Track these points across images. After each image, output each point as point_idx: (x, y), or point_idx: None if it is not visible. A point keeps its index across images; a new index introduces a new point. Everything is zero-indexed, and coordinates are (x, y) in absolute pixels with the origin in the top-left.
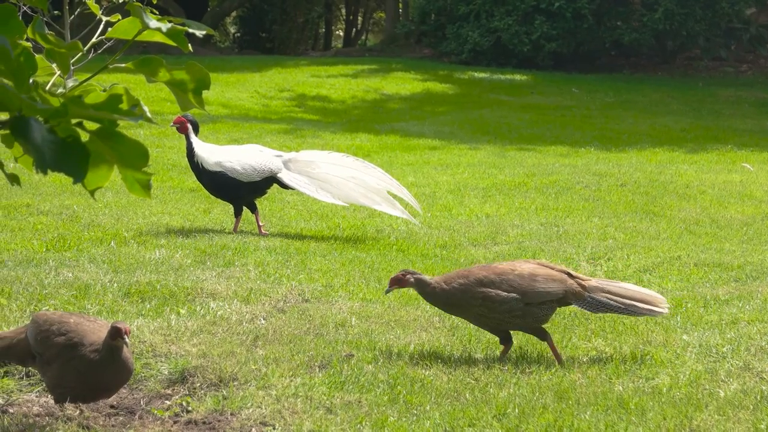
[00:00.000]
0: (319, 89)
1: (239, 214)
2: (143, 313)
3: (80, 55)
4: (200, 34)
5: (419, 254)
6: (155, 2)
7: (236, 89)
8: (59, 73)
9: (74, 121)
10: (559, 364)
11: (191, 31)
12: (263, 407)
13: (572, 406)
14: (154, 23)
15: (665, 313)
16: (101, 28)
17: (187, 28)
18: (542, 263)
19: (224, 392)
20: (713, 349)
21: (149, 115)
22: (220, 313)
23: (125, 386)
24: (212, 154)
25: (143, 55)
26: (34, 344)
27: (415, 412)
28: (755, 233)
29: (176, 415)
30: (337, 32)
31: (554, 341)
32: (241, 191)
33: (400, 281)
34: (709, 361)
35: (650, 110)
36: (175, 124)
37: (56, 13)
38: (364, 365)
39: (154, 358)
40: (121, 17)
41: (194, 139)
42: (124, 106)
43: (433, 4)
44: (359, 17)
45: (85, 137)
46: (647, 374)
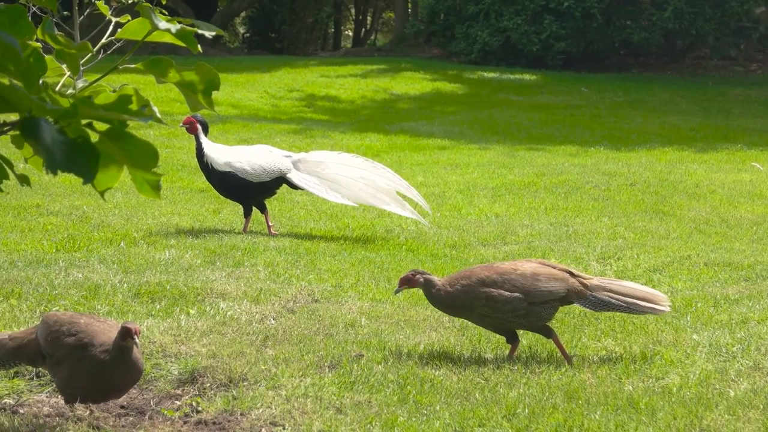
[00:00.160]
0: (328, 89)
1: (249, 214)
2: (153, 313)
3: (90, 55)
4: (209, 34)
5: (429, 254)
6: (164, 3)
7: (246, 89)
8: (69, 73)
9: (84, 121)
10: (567, 361)
11: (200, 31)
12: (273, 407)
13: (582, 406)
14: (163, 24)
15: (667, 311)
16: (111, 28)
17: (196, 29)
18: (544, 262)
19: (234, 392)
20: (723, 348)
21: (159, 115)
22: (229, 313)
23: (135, 386)
24: (222, 154)
25: (153, 55)
26: (44, 344)
27: (425, 412)
28: (765, 233)
29: (186, 415)
30: (346, 32)
31: (564, 341)
32: (250, 191)
33: (409, 281)
34: (719, 360)
35: (660, 109)
36: (184, 124)
37: (66, 13)
38: (373, 365)
39: (163, 358)
40: (130, 18)
41: (204, 139)
42: (133, 106)
43: (442, 3)
44: (368, 17)
45: (94, 138)
46: (657, 374)
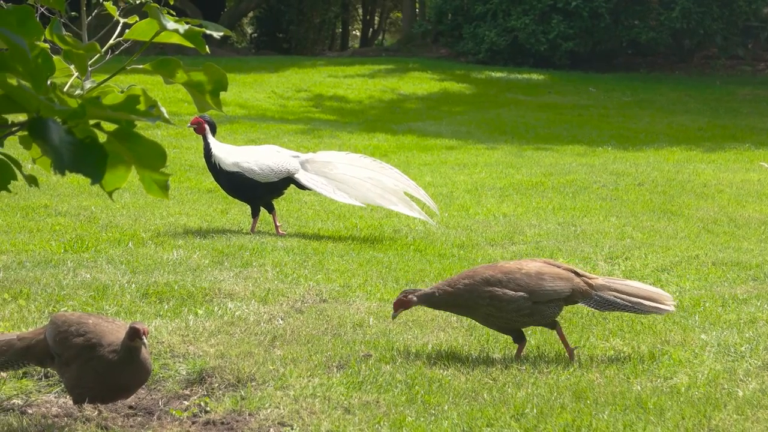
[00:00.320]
0: (336, 89)
1: (256, 214)
2: (161, 313)
3: (98, 56)
4: (217, 35)
5: (437, 254)
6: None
7: (253, 90)
8: (77, 74)
9: (92, 122)
10: (569, 354)
11: (208, 32)
12: (281, 407)
13: (590, 405)
14: (171, 25)
15: (672, 310)
16: (119, 29)
17: (204, 29)
18: (549, 262)
19: (242, 393)
20: (732, 348)
21: (166, 116)
22: (237, 313)
23: (143, 387)
24: (229, 154)
25: (160, 56)
26: (52, 345)
27: (433, 412)
28: None
29: (194, 415)
30: (353, 32)
31: (572, 341)
32: (258, 192)
33: (404, 304)
34: (727, 360)
35: (667, 109)
36: (192, 124)
37: (74, 14)
38: (381, 365)
39: (172, 358)
40: (138, 19)
41: (211, 139)
42: (141, 107)
43: (449, 3)
44: (376, 17)
45: (102, 138)
46: (665, 374)
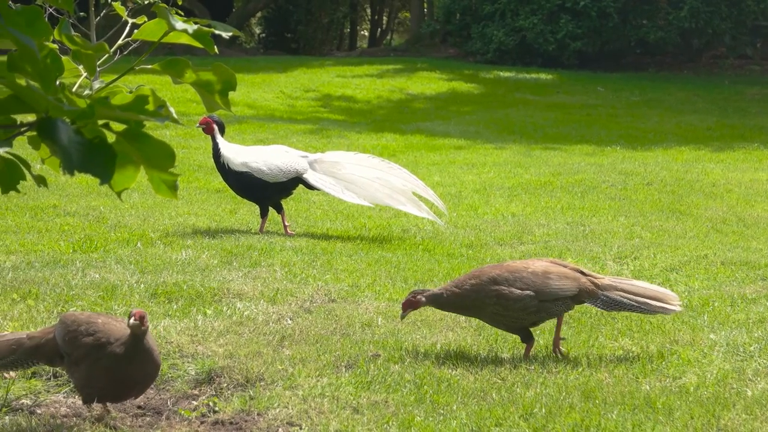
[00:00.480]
0: (344, 89)
1: (265, 214)
2: (170, 313)
3: (106, 56)
4: (226, 35)
5: (445, 254)
6: (180, 3)
7: (262, 90)
8: (86, 74)
9: (101, 122)
10: (554, 343)
11: (217, 32)
12: (290, 407)
13: (599, 405)
14: (180, 25)
15: (678, 310)
16: (127, 29)
17: (213, 29)
18: (555, 261)
19: (251, 392)
20: (740, 348)
21: (175, 116)
22: (246, 313)
23: (152, 387)
24: (238, 154)
25: (169, 56)
26: (62, 344)
27: (441, 411)
28: None
29: (203, 415)
30: (362, 32)
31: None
32: (267, 192)
33: (413, 304)
34: (736, 360)
35: (676, 109)
36: (200, 124)
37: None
38: (390, 365)
39: (180, 358)
40: (147, 19)
41: (220, 139)
42: (150, 107)
43: (458, 3)
44: (384, 17)
45: (111, 138)
46: (674, 373)
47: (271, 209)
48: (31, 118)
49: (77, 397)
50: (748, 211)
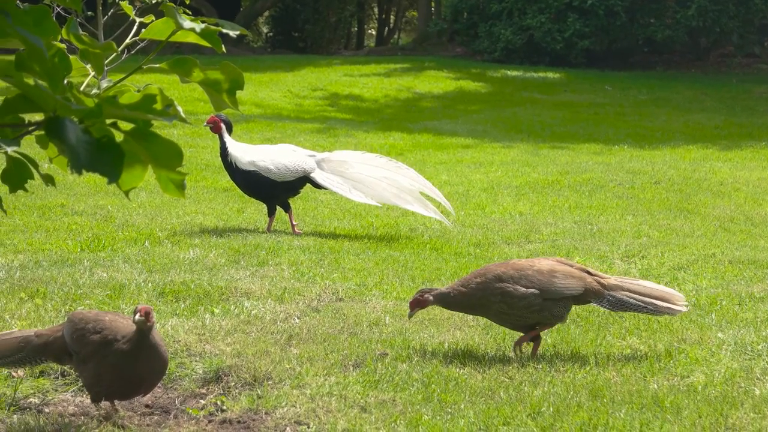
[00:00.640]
0: (351, 88)
1: (273, 213)
2: (177, 312)
3: (114, 55)
4: (234, 34)
5: (453, 253)
6: (188, 2)
7: (269, 89)
8: (93, 73)
9: (109, 121)
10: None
11: (225, 31)
12: (298, 406)
13: (607, 404)
14: (188, 24)
15: (684, 311)
16: (135, 28)
17: (220, 28)
18: (561, 260)
19: (259, 391)
20: (748, 346)
21: (183, 115)
22: (254, 312)
23: (160, 386)
24: (246, 153)
25: (176, 55)
26: (70, 342)
27: (449, 410)
28: None
29: (211, 414)
30: (369, 31)
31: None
32: (274, 191)
33: (420, 303)
34: (744, 359)
35: (684, 107)
36: (208, 123)
37: (90, 14)
38: (398, 364)
39: (188, 357)
40: (154, 18)
41: (228, 138)
42: (158, 106)
43: (465, 2)
44: (391, 16)
45: (119, 137)
46: (682, 372)
47: (278, 208)
48: (39, 117)
49: (85, 395)
50: (755, 209)
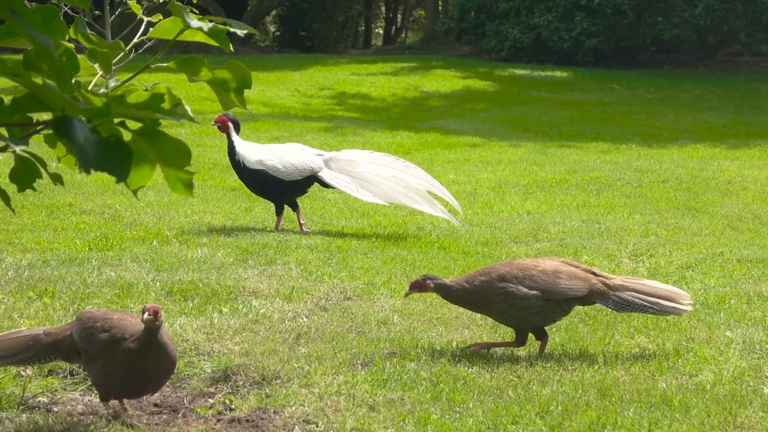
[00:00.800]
0: (359, 87)
1: (280, 212)
2: (186, 311)
3: (122, 55)
4: (241, 33)
5: (461, 252)
6: (195, 2)
7: (277, 88)
8: (101, 73)
9: (117, 120)
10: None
11: (232, 30)
12: (306, 405)
13: (615, 403)
14: (195, 23)
15: (689, 310)
16: (142, 28)
17: (228, 27)
18: (567, 261)
19: (267, 390)
20: (757, 345)
21: (191, 114)
22: (262, 311)
23: (168, 384)
24: (253, 152)
25: (184, 54)
26: (79, 341)
27: (458, 409)
28: None
29: (219, 413)
30: (376, 30)
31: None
32: (282, 190)
33: (420, 286)
34: (753, 357)
35: (691, 106)
36: (216, 122)
37: (97, 13)
38: (406, 363)
39: (197, 356)
40: (162, 17)
41: (235, 137)
42: (166, 105)
43: (472, 1)
44: (399, 15)
45: (127, 137)
46: (691, 371)
47: (286, 207)
48: (47, 116)
49: (94, 394)
50: (763, 208)
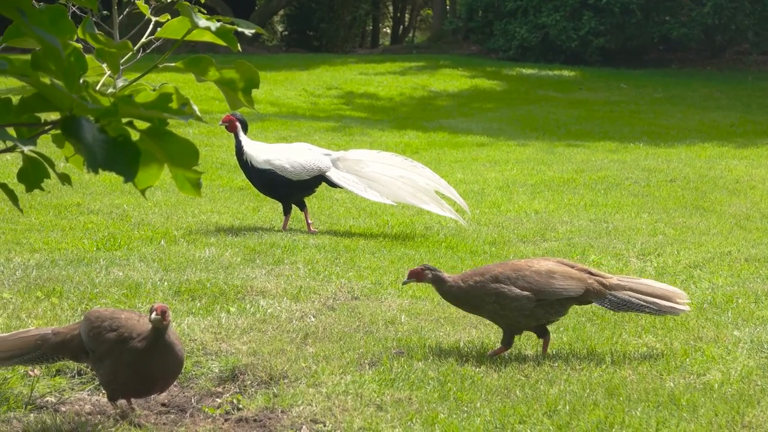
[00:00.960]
0: (366, 87)
1: (288, 212)
2: (193, 311)
3: (130, 54)
4: (249, 32)
5: (468, 251)
6: (203, 1)
7: (284, 87)
8: (109, 72)
9: (125, 120)
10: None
11: (240, 29)
12: (314, 405)
13: (623, 402)
14: (203, 22)
15: (687, 310)
16: (150, 27)
17: (236, 27)
18: (562, 261)
19: (275, 390)
20: (765, 344)
21: (199, 113)
22: (270, 311)
23: (176, 384)
24: (261, 152)
25: (191, 54)
26: (86, 340)
27: (465, 409)
28: None
29: (227, 413)
30: (384, 30)
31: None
32: (290, 189)
33: (418, 275)
34: (760, 356)
35: (699, 105)
36: (223, 122)
37: (105, 13)
38: (414, 362)
39: (204, 356)
40: (170, 17)
41: (243, 137)
42: (173, 105)
43: (480, 0)
44: (406, 14)
45: (135, 136)
46: (698, 370)
47: (294, 207)
48: (55, 116)
49: (101, 394)
50: None
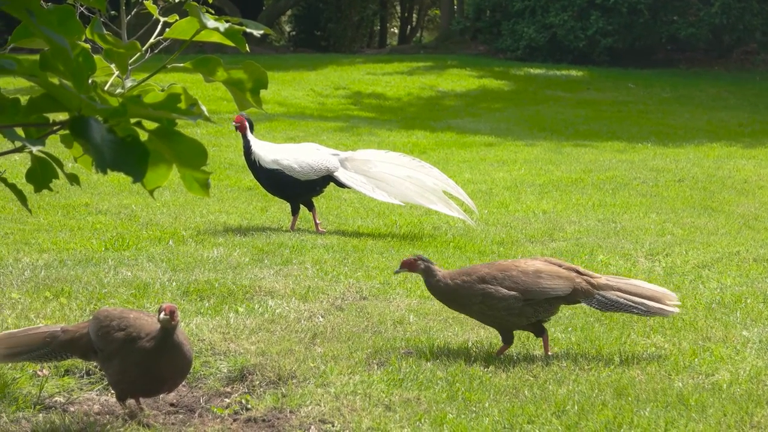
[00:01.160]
0: (374, 87)
1: (296, 212)
2: (202, 311)
3: (138, 55)
4: (258, 33)
5: (476, 251)
6: (211, 2)
7: (292, 87)
8: (117, 73)
9: (133, 120)
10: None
11: (248, 30)
12: (322, 405)
13: (632, 402)
14: (212, 23)
15: (676, 312)
16: (159, 28)
17: (244, 27)
18: (550, 261)
19: (283, 390)
20: None
21: (207, 114)
22: (278, 311)
23: (185, 384)
24: (269, 152)
25: (199, 54)
26: (95, 340)
27: (474, 409)
28: None
29: (236, 413)
30: (391, 30)
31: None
32: (298, 189)
33: (410, 265)
34: None
35: (707, 105)
36: (236, 123)
37: (113, 13)
38: (422, 362)
39: (213, 356)
40: (178, 17)
41: (251, 137)
42: (182, 105)
43: (488, 0)
44: (414, 14)
45: (143, 137)
46: (707, 370)
47: (302, 207)
48: (63, 116)
49: (110, 394)
50: None
